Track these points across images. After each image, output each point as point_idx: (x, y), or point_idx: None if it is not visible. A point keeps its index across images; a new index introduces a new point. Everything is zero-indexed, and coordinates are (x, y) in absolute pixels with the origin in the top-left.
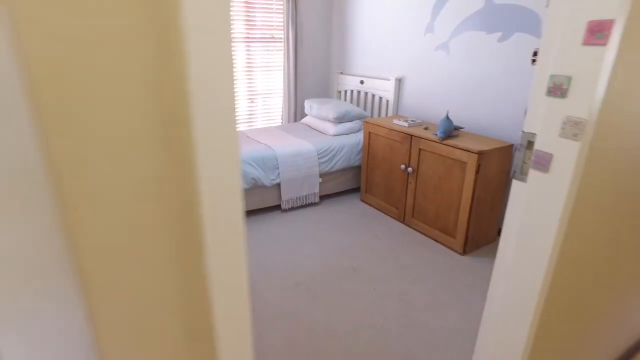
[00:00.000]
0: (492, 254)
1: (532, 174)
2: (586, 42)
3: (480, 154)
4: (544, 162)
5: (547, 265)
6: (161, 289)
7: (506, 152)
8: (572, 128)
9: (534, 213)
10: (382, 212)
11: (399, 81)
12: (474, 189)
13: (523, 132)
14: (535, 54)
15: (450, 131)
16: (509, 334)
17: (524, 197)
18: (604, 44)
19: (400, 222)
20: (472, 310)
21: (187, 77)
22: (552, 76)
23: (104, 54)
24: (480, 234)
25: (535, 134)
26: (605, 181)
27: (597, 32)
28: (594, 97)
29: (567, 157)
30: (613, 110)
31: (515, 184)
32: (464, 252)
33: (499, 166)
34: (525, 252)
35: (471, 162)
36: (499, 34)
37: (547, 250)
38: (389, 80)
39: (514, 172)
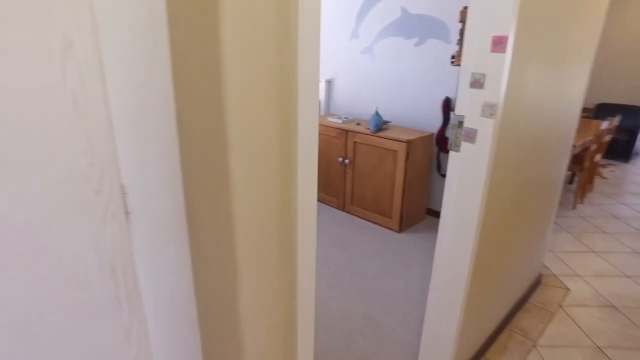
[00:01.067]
0: (424, 229)
1: (464, 145)
2: (493, 50)
3: (408, 142)
4: (471, 136)
5: (479, 212)
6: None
7: (428, 140)
8: (488, 109)
9: (467, 174)
10: (323, 202)
11: (329, 82)
12: (405, 174)
13: (455, 114)
14: (453, 57)
15: (381, 125)
16: (455, 269)
17: (459, 163)
18: (504, 52)
19: (341, 209)
20: (415, 275)
21: (296, 70)
22: (473, 73)
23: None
24: (412, 213)
25: (464, 115)
26: (511, 146)
27: (498, 44)
28: (500, 87)
29: (486, 130)
30: (512, 96)
31: (452, 154)
32: (400, 230)
33: (423, 152)
34: (462, 204)
35: (401, 150)
36: (415, 39)
37: (477, 200)
38: (319, 81)
39: (450, 145)
